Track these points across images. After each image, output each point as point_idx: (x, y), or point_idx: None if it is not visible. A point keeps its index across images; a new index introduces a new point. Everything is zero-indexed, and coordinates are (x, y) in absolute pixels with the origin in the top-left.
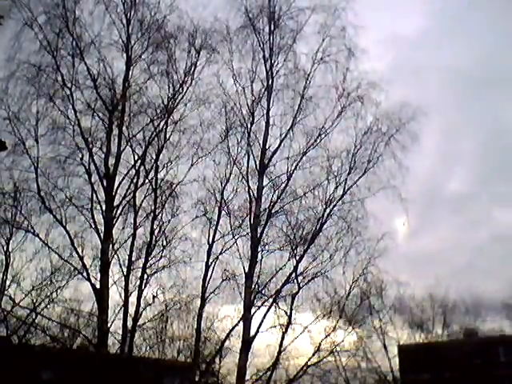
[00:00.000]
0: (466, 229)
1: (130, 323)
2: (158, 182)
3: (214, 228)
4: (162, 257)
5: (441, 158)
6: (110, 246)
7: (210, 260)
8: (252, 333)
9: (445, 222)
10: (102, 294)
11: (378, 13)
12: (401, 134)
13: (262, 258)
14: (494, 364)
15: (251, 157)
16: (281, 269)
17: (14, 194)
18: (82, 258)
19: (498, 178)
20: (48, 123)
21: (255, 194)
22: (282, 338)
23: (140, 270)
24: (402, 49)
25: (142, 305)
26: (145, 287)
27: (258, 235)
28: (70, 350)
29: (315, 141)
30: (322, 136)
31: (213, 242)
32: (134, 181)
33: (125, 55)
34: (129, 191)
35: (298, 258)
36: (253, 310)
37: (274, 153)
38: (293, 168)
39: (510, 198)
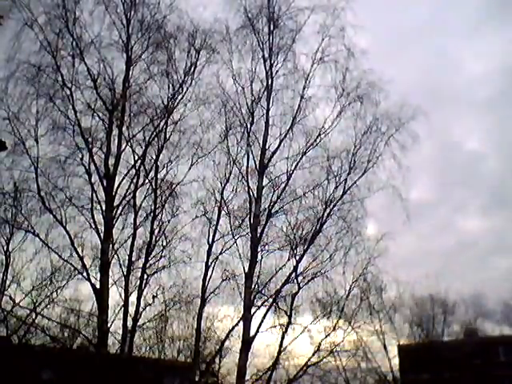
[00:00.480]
0: (432, 236)
1: (129, 323)
2: (158, 182)
3: (213, 228)
4: (161, 257)
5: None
6: (110, 245)
7: (210, 260)
8: (252, 333)
9: (410, 229)
10: (101, 294)
11: None
12: (400, 134)
13: (262, 258)
14: (494, 364)
15: (251, 157)
16: (281, 269)
17: (14, 194)
18: (82, 258)
19: (455, 188)
20: (48, 123)
21: (255, 194)
22: (282, 338)
23: (140, 270)
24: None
25: (142, 305)
26: (145, 287)
27: (258, 235)
28: (70, 350)
29: (315, 141)
30: (322, 136)
31: (213, 242)
32: (134, 181)
33: (125, 55)
34: (129, 191)
35: (297, 258)
36: (253, 310)
37: (274, 153)
38: (292, 168)
39: (469, 206)
